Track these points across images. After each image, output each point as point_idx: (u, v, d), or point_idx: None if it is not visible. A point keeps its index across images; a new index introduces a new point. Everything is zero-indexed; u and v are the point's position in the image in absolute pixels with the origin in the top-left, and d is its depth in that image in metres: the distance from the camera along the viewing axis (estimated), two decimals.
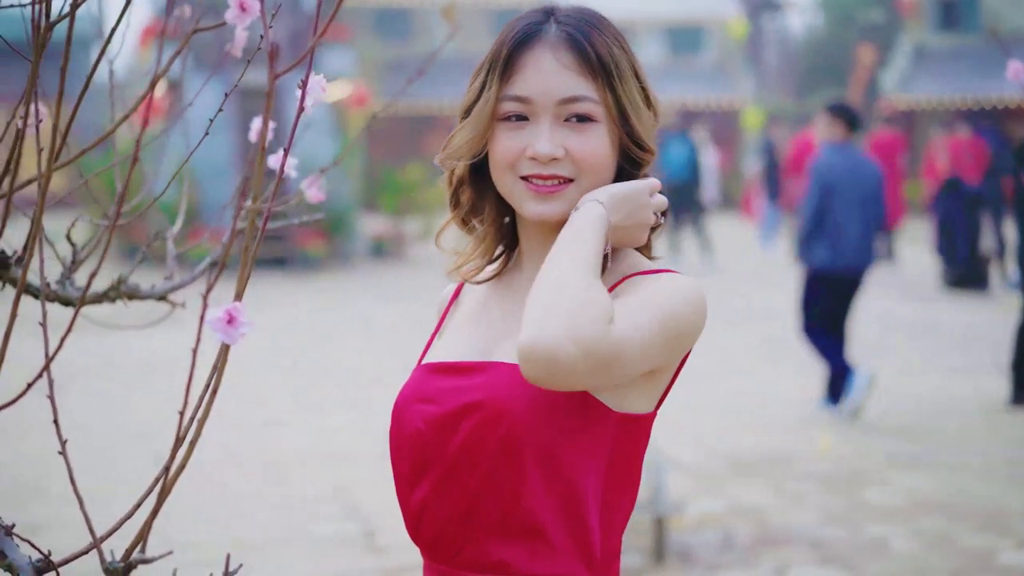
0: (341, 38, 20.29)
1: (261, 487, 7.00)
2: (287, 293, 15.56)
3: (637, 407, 1.75)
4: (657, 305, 1.68)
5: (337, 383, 9.97)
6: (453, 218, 1.93)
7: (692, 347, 1.76)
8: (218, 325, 1.48)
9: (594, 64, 1.76)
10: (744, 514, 6.33)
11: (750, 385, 9.60)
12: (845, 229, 8.17)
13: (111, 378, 10.25)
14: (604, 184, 1.79)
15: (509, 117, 1.79)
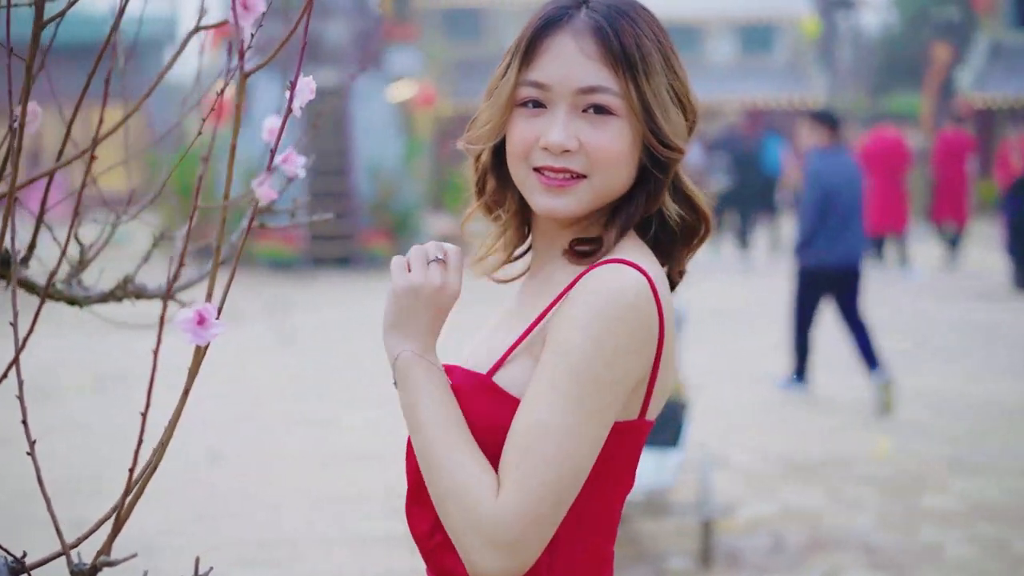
0: (407, 38, 20.34)
1: (310, 484, 7.02)
2: (349, 292, 15.63)
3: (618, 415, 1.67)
4: (569, 375, 1.58)
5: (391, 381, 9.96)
6: (478, 206, 1.86)
7: (653, 352, 1.63)
8: (188, 326, 1.47)
9: (617, 54, 1.67)
10: (796, 517, 6.24)
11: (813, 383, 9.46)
12: (842, 227, 8.66)
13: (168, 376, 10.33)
14: (618, 183, 1.70)
15: (527, 103, 1.71)
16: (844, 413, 8.65)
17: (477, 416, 1.66)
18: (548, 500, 1.57)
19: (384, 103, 19.07)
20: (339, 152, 18.37)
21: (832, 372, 10.06)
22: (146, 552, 5.83)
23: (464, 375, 1.71)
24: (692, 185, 1.77)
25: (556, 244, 1.76)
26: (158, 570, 5.68)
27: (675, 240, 1.76)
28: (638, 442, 1.71)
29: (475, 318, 2.14)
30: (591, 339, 1.59)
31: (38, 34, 1.94)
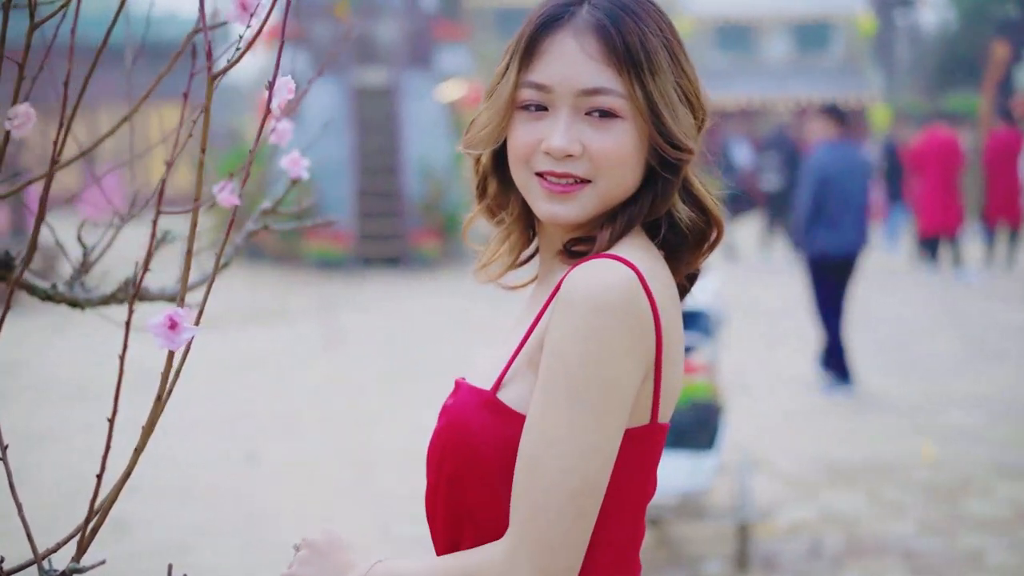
0: (457, 37, 20.35)
1: (353, 485, 7.02)
2: (398, 292, 15.64)
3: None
4: (563, 386, 1.52)
5: (439, 382, 9.96)
6: (479, 210, 1.81)
7: (651, 350, 1.56)
8: (159, 330, 1.44)
9: (621, 54, 1.60)
10: (836, 522, 6.17)
11: (859, 388, 9.36)
12: (841, 218, 8.94)
13: (210, 375, 10.39)
14: (624, 187, 1.64)
15: (528, 106, 1.64)
16: (890, 416, 8.54)
17: (483, 434, 1.60)
18: (559, 526, 1.51)
19: (434, 102, 19.09)
20: (388, 151, 18.40)
21: (880, 375, 9.95)
22: (182, 551, 5.86)
23: (468, 392, 1.66)
24: (702, 187, 1.71)
25: (560, 246, 1.71)
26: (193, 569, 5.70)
27: (686, 243, 1.70)
28: (655, 447, 1.65)
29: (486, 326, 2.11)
30: (580, 342, 1.52)
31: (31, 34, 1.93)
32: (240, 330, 12.73)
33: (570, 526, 1.51)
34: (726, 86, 30.37)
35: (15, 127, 1.96)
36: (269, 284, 16.51)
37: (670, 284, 1.65)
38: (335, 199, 18.02)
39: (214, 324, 12.98)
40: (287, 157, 2.29)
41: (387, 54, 19.37)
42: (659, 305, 1.57)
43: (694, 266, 1.73)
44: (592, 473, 1.52)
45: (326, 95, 18.88)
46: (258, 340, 12.13)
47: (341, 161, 18.22)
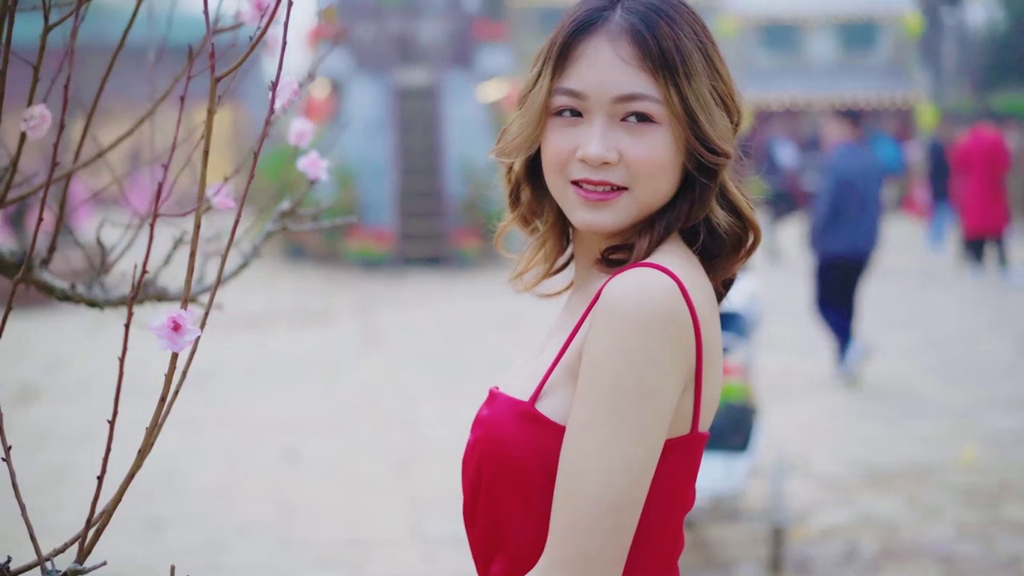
0: (499, 37, 20.34)
1: (391, 484, 7.03)
2: (438, 292, 15.67)
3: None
4: (602, 398, 1.49)
5: (479, 381, 9.97)
6: (513, 218, 1.78)
7: (692, 360, 1.53)
8: (163, 332, 1.44)
9: (656, 58, 1.57)
10: (873, 526, 6.11)
11: (898, 391, 9.29)
12: (858, 219, 9.14)
13: (251, 374, 10.44)
14: (661, 193, 1.61)
15: (562, 112, 1.61)
16: (932, 418, 8.46)
17: (520, 445, 1.58)
18: (596, 540, 1.48)
19: (475, 102, 19.10)
20: (430, 151, 18.43)
21: (922, 376, 9.86)
22: (218, 550, 5.89)
23: (505, 402, 1.63)
24: (738, 191, 1.68)
25: (596, 254, 1.68)
26: (230, 568, 5.74)
27: (724, 249, 1.67)
28: (695, 457, 1.61)
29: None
30: (620, 353, 1.49)
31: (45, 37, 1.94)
32: (283, 330, 12.80)
33: (607, 540, 1.49)
34: (771, 86, 30.22)
35: (31, 128, 1.97)
36: (312, 284, 16.58)
37: (708, 291, 1.62)
38: (377, 199, 18.07)
39: (257, 324, 13.05)
40: (305, 159, 2.28)
41: (429, 54, 19.40)
42: (699, 314, 1.54)
43: (731, 272, 1.70)
44: (630, 487, 1.49)
45: (368, 95, 18.94)
46: (300, 340, 12.18)
47: (383, 161, 18.27)
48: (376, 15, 19.60)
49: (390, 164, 18.19)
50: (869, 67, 32.59)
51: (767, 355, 10.28)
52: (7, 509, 1.43)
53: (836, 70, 31.53)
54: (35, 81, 1.94)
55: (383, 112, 18.74)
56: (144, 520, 6.28)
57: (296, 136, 2.42)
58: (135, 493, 7.24)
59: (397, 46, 19.40)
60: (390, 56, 19.28)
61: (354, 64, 19.29)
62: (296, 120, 2.44)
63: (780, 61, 32.07)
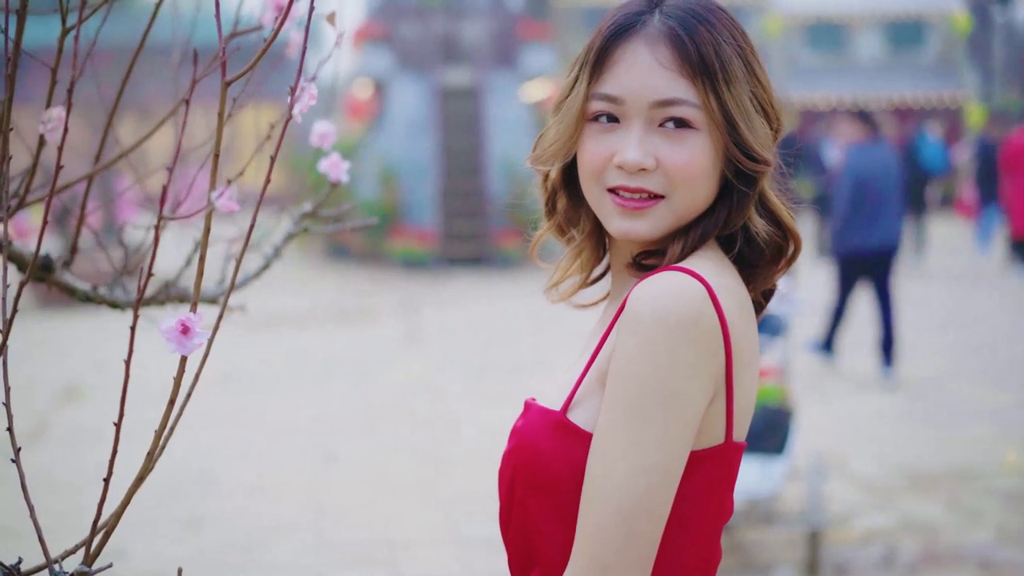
0: (543, 37, 20.32)
1: (424, 485, 7.04)
2: (480, 292, 15.68)
3: (695, 443, 1.52)
4: (627, 403, 1.46)
5: (518, 382, 9.97)
6: (549, 227, 1.75)
7: (721, 366, 1.49)
8: (171, 335, 1.44)
9: (695, 63, 1.54)
10: (913, 530, 6.05)
11: (942, 393, 9.20)
12: (876, 216, 9.40)
13: (293, 373, 10.48)
14: (699, 201, 1.58)
15: (599, 117, 1.58)
16: (975, 421, 8.37)
17: (552, 456, 1.56)
18: (612, 547, 1.46)
19: (518, 102, 19.10)
20: (472, 151, 18.45)
21: (967, 379, 9.77)
22: (255, 548, 5.91)
23: (539, 412, 1.61)
24: (777, 200, 1.64)
25: (630, 259, 1.65)
26: (266, 567, 5.75)
27: (763, 258, 1.63)
28: (731, 467, 1.58)
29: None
30: (645, 358, 1.46)
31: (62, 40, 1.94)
32: (325, 329, 12.85)
33: (626, 547, 1.46)
34: (817, 86, 30.04)
35: (49, 131, 1.98)
36: (354, 283, 16.64)
37: (743, 298, 1.59)
38: (419, 199, 18.10)
39: (298, 323, 13.11)
40: (326, 160, 2.28)
41: (472, 54, 19.42)
42: (729, 320, 1.51)
43: (771, 282, 1.67)
44: (651, 492, 1.46)
45: (411, 95, 18.97)
46: (340, 339, 12.22)
47: (425, 161, 18.29)
48: (420, 15, 19.64)
49: (433, 164, 18.22)
50: (917, 66, 32.32)
51: (809, 355, 10.22)
52: (38, 506, 1.44)
53: (883, 69, 31.30)
54: (52, 84, 1.94)
55: (426, 112, 18.76)
56: (182, 519, 6.31)
57: (319, 138, 2.41)
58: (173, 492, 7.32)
59: (440, 46, 19.43)
60: (433, 56, 19.31)
61: (397, 64, 19.34)
62: (319, 122, 2.43)
63: (827, 61, 31.86)
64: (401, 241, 17.57)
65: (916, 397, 9.10)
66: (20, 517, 3.90)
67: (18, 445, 1.45)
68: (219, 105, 1.43)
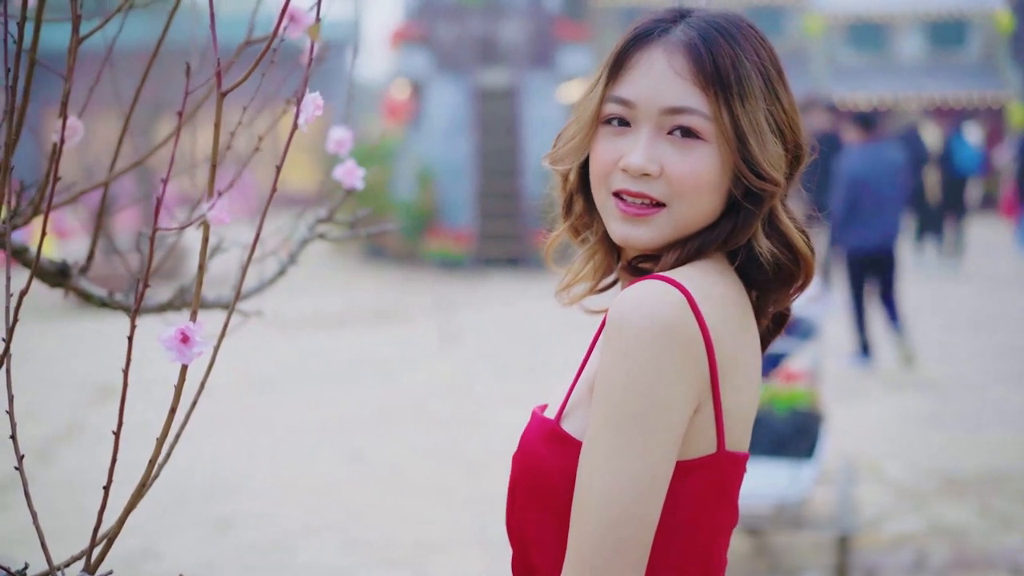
0: (580, 38, 20.31)
1: (457, 485, 7.05)
2: (515, 293, 15.68)
3: (682, 453, 1.52)
4: (606, 412, 1.47)
5: (548, 384, 9.97)
6: (565, 229, 1.76)
7: (704, 375, 1.49)
8: (171, 344, 1.45)
9: (710, 74, 1.54)
10: (944, 534, 6.02)
11: (975, 396, 9.13)
12: (875, 215, 9.65)
13: (325, 374, 10.52)
14: (702, 214, 1.58)
15: (611, 120, 1.60)
16: (1008, 425, 8.31)
17: (548, 465, 1.57)
18: (600, 556, 1.46)
19: (556, 103, 19.09)
20: (509, 152, 18.45)
21: (1001, 382, 9.69)
22: (283, 549, 5.95)
23: (538, 421, 1.62)
24: (791, 222, 1.63)
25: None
26: (296, 568, 5.78)
27: (767, 280, 1.62)
28: (728, 476, 1.57)
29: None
30: (623, 367, 1.46)
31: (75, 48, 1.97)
32: (359, 329, 12.89)
33: (613, 555, 1.46)
34: (858, 85, 29.86)
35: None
36: (391, 284, 16.68)
37: (738, 309, 1.58)
38: (456, 200, 18.12)
39: (333, 324, 13.15)
40: (342, 167, 2.29)
41: (510, 55, 19.42)
42: (712, 328, 1.50)
43: (781, 305, 1.66)
44: (635, 501, 1.46)
45: (449, 96, 19.00)
46: (376, 340, 12.26)
47: (463, 162, 18.32)
48: (457, 16, 19.66)
49: (470, 165, 18.24)
50: (959, 66, 32.07)
51: (842, 359, 10.17)
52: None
53: (925, 69, 31.08)
54: (67, 91, 1.97)
55: (463, 113, 18.79)
56: (213, 519, 6.35)
57: (335, 144, 2.42)
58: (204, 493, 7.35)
59: (478, 47, 19.45)
60: (471, 57, 19.34)
61: (435, 65, 19.37)
62: (335, 128, 2.44)
63: (867, 60, 31.67)
64: (437, 242, 17.60)
65: (949, 400, 9.04)
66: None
67: (21, 453, 1.47)
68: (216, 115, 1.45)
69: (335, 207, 2.40)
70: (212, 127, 2.21)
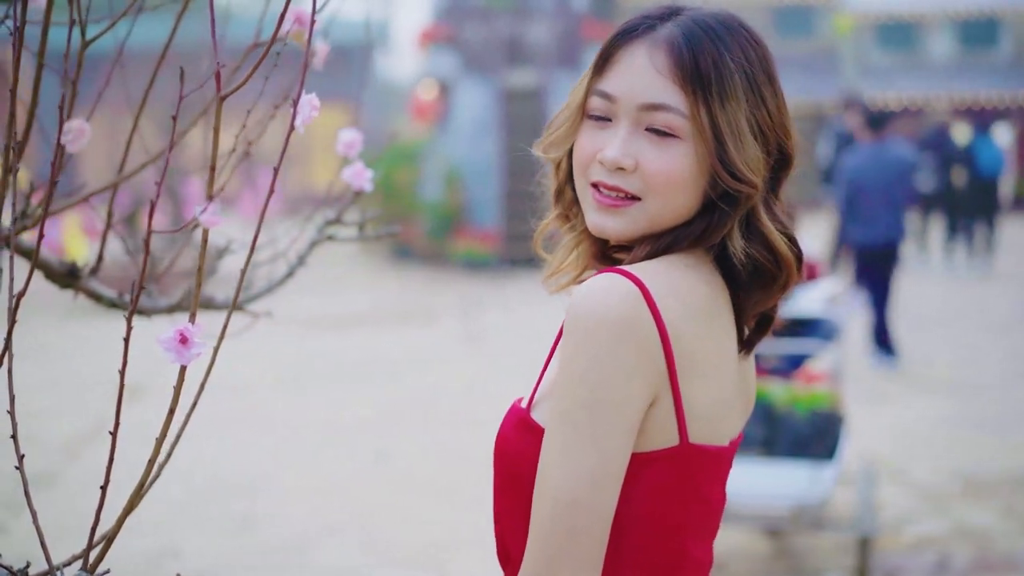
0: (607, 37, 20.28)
1: (476, 486, 7.05)
2: (541, 293, 15.65)
3: (640, 445, 1.53)
4: (560, 403, 1.49)
5: None
6: (556, 216, 1.77)
7: (660, 367, 1.49)
8: (170, 345, 1.46)
9: (689, 72, 1.55)
10: (967, 537, 5.98)
11: (1003, 398, 9.08)
12: (876, 213, 9.83)
13: (351, 373, 10.55)
14: (676, 210, 1.58)
15: (594, 114, 1.62)
16: None
17: (518, 453, 1.59)
18: (553, 544, 1.48)
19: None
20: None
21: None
22: (304, 548, 5.97)
23: (513, 410, 1.65)
24: (772, 224, 1.62)
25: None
26: (317, 567, 5.80)
27: (741, 280, 1.62)
28: (695, 470, 1.57)
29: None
30: (574, 359, 1.49)
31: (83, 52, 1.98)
32: (384, 329, 12.92)
33: (567, 543, 1.47)
34: (888, 85, 29.72)
35: (69, 141, 2.02)
36: (417, 284, 16.72)
37: (709, 303, 1.59)
38: (483, 200, 18.14)
39: (359, 323, 13.19)
40: (350, 169, 2.30)
41: (537, 55, 19.43)
42: (670, 322, 1.50)
43: (764, 305, 1.65)
44: (587, 491, 1.47)
45: (476, 96, 19.02)
46: (399, 340, 12.29)
47: (489, 162, 18.34)
48: (485, 17, 19.68)
49: (496, 165, 18.26)
50: (990, 65, 31.88)
51: (866, 361, 10.13)
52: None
53: (956, 68, 30.92)
54: (73, 95, 1.98)
55: (490, 113, 18.81)
56: (236, 517, 6.38)
57: (345, 147, 2.43)
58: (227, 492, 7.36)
59: (505, 47, 19.47)
60: (498, 57, 19.35)
61: (462, 66, 19.40)
62: (344, 130, 2.45)
63: (898, 59, 31.52)
64: (464, 242, 17.63)
65: (974, 402, 8.99)
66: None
67: (22, 452, 1.48)
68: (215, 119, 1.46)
69: (343, 208, 2.41)
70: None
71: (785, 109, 1.61)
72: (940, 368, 10.16)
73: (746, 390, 1.72)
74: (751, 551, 5.82)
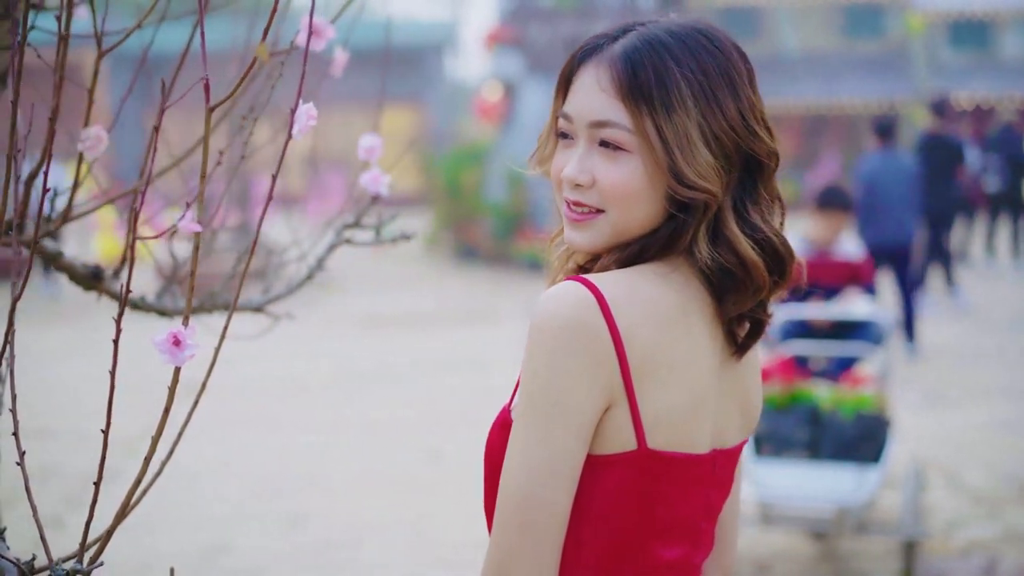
0: None
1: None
2: None
3: (598, 448, 1.58)
4: (519, 407, 1.58)
5: None
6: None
7: (613, 373, 1.54)
8: (164, 347, 1.52)
9: (628, 88, 1.59)
10: (1018, 541, 5.93)
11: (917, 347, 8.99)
12: (887, 215, 10.35)
13: (412, 373, 10.63)
14: (639, 220, 1.63)
15: (562, 133, 1.69)
16: None
17: (498, 450, 1.65)
18: (507, 538, 1.56)
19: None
20: None
21: None
22: (354, 545, 6.04)
23: (500, 410, 1.71)
24: (741, 230, 1.63)
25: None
26: (365, 565, 5.87)
27: (711, 285, 1.64)
28: (655, 476, 1.60)
29: None
30: (529, 362, 1.57)
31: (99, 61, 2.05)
32: (448, 330, 13.00)
33: (518, 539, 1.55)
34: (959, 84, 29.36)
35: (87, 148, 2.09)
36: (481, 285, 16.80)
37: (677, 309, 1.61)
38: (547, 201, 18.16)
39: (422, 323, 13.28)
40: (367, 174, 2.35)
41: None
42: (626, 328, 1.55)
43: (739, 310, 1.66)
44: (537, 489, 1.55)
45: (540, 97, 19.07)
46: (463, 339, 12.36)
47: None
48: (551, 18, 19.72)
49: None
50: None
51: (925, 364, 10.05)
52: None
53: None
54: (90, 103, 2.05)
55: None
56: (286, 515, 6.47)
57: (365, 152, 2.48)
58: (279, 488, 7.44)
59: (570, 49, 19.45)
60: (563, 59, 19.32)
61: (527, 67, 19.45)
62: (365, 136, 2.50)
63: (969, 59, 31.12)
64: (527, 243, 17.68)
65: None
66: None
67: (23, 449, 1.54)
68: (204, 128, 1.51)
69: (362, 212, 2.46)
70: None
71: (754, 113, 1.63)
72: (1001, 372, 10.05)
73: (740, 394, 1.75)
74: (796, 553, 5.81)
